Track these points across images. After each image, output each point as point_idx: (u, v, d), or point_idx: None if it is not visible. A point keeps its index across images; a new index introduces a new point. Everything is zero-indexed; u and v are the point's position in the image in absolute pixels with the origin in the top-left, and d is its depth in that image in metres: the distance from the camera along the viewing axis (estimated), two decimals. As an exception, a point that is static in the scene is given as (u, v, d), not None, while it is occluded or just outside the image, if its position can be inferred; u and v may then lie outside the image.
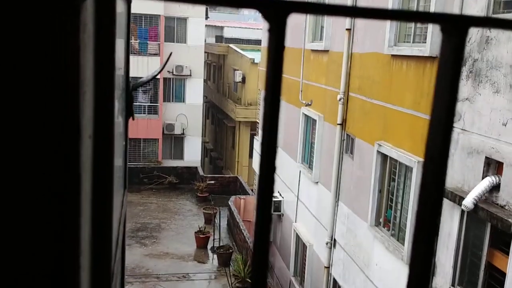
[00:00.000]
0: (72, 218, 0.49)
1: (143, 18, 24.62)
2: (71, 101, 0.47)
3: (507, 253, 5.64)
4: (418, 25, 7.93)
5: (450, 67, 0.40)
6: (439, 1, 7.03)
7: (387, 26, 8.43)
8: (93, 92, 0.62)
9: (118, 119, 1.13)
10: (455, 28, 0.40)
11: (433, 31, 7.15)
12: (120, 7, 1.05)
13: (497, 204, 5.74)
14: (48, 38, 0.44)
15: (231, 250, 16.29)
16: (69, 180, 0.48)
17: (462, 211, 6.27)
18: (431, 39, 7.17)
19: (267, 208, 0.41)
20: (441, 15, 0.41)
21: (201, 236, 17.14)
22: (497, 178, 5.74)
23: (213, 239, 16.99)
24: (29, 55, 0.44)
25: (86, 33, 0.51)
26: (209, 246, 17.20)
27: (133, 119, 1.44)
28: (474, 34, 6.23)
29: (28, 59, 0.44)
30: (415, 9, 7.90)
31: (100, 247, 0.72)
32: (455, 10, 6.63)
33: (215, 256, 16.44)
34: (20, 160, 0.47)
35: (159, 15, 24.67)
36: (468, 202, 5.81)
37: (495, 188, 5.76)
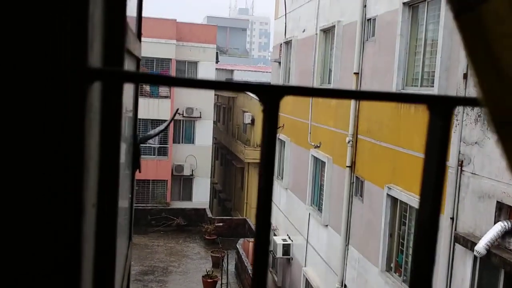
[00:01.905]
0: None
1: (154, 61, 25.19)
2: (73, 178, 0.48)
3: (523, 301, 5.47)
4: (426, 69, 8.03)
5: (437, 144, 0.41)
6: (444, 59, 7.14)
7: (395, 70, 8.55)
8: (97, 163, 0.64)
9: (125, 172, 1.15)
10: (441, 107, 0.42)
11: (440, 75, 7.23)
12: (129, 66, 1.09)
13: (510, 250, 5.61)
14: (54, 119, 0.46)
15: (239, 295, 15.95)
16: (69, 251, 0.49)
17: (475, 257, 6.13)
18: (439, 83, 7.24)
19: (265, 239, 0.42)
20: (428, 96, 0.43)
21: (209, 280, 16.84)
22: (509, 223, 5.64)
23: (221, 284, 16.66)
24: (35, 135, 0.46)
25: (92, 112, 0.53)
26: (216, 291, 16.85)
27: (139, 171, 1.46)
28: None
29: (35, 139, 0.46)
30: (423, 41, 8.01)
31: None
32: (460, 69, 6.70)
33: (223, 300, 16.09)
34: (20, 235, 0.48)
35: (171, 59, 25.23)
36: (481, 247, 5.69)
37: (508, 233, 5.65)
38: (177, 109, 3.40)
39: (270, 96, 0.43)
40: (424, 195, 0.45)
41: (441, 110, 0.44)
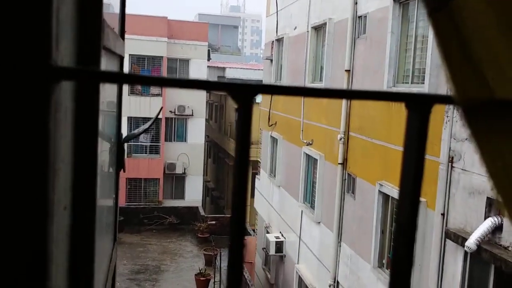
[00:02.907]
0: None
1: (145, 59, 25.07)
2: (39, 177, 0.46)
3: (514, 296, 5.51)
4: (417, 66, 8.05)
5: (416, 141, 0.41)
6: (434, 56, 7.17)
7: (386, 67, 8.56)
8: (71, 165, 0.62)
9: (109, 171, 1.13)
10: (419, 105, 0.42)
11: (431, 73, 7.25)
12: (111, 65, 1.07)
13: (500, 245, 5.65)
14: (13, 119, 0.44)
15: (232, 293, 15.94)
16: (36, 255, 0.48)
17: (466, 253, 6.16)
18: (429, 80, 7.26)
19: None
20: (406, 94, 0.43)
21: (202, 278, 16.82)
22: (500, 219, 5.68)
23: (214, 282, 16.66)
24: None
25: (60, 111, 0.51)
26: (209, 289, 16.85)
27: (124, 171, 1.44)
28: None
29: None
30: (413, 38, 8.03)
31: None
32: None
33: (216, 298, 16.09)
34: None
35: (162, 57, 25.13)
36: (471, 243, 5.72)
37: (498, 229, 5.69)
38: (161, 107, 3.38)
39: (243, 94, 0.42)
40: (403, 191, 0.44)
41: (418, 108, 0.43)
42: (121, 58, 1.39)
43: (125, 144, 1.56)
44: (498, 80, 0.37)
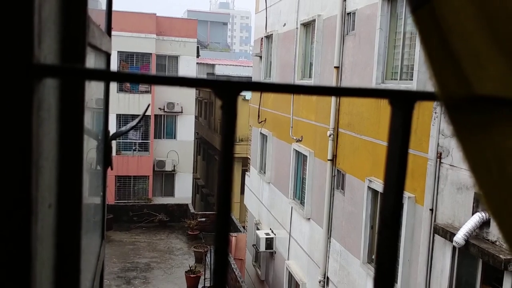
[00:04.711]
0: None
1: (134, 56, 24.92)
2: (22, 175, 0.46)
3: (501, 290, 5.58)
4: (405, 62, 8.10)
5: (399, 137, 0.41)
6: (422, 55, 7.20)
7: (375, 63, 8.60)
8: (56, 162, 0.61)
9: (97, 169, 1.12)
10: (402, 102, 0.42)
11: (419, 69, 7.29)
12: (98, 63, 1.06)
13: (488, 240, 5.71)
14: None
15: (222, 290, 15.95)
16: (19, 256, 0.47)
17: (454, 248, 6.23)
18: (418, 77, 7.30)
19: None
20: (390, 91, 0.43)
21: (192, 275, 16.81)
22: (487, 214, 5.74)
23: (204, 279, 16.65)
24: None
25: (43, 109, 0.50)
26: (200, 286, 16.83)
27: (111, 169, 1.43)
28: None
29: None
30: (402, 34, 8.08)
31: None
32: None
33: (206, 296, 16.09)
34: None
35: (151, 53, 25.00)
36: (459, 238, 5.78)
37: (485, 223, 5.75)
38: (148, 105, 3.38)
39: (227, 91, 0.42)
40: (388, 184, 0.45)
41: (402, 104, 0.44)
42: (107, 55, 1.38)
43: (113, 142, 1.55)
44: (477, 76, 0.38)
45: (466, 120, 0.40)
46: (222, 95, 0.41)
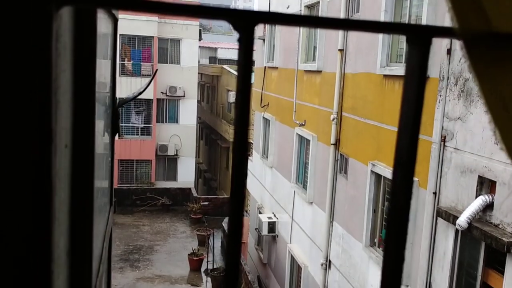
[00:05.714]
0: (44, 225, 0.48)
1: (136, 39, 24.77)
2: (42, 108, 0.45)
3: (502, 273, 5.60)
4: (409, 45, 8.01)
5: (416, 76, 0.41)
6: (430, 10, 7.13)
7: (379, 47, 8.52)
8: (71, 102, 0.60)
9: (104, 136, 1.11)
10: (419, 38, 0.41)
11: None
12: (106, 27, 1.04)
13: (491, 223, 5.72)
14: (17, 45, 0.43)
15: (225, 272, 16.09)
16: (39, 187, 0.47)
17: (457, 231, 6.24)
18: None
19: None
20: (406, 25, 0.43)
21: (195, 258, 16.94)
22: (490, 197, 5.73)
23: (207, 262, 16.79)
24: None
25: (60, 42, 0.49)
26: (202, 269, 16.98)
27: (119, 136, 1.42)
28: (465, 54, 6.29)
29: None
30: (407, 17, 7.99)
31: (80, 257, 0.70)
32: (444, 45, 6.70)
33: (209, 278, 16.23)
34: None
35: (153, 37, 24.84)
36: (462, 221, 5.78)
37: (489, 207, 5.75)
38: (156, 70, 3.37)
39: (245, 22, 0.40)
40: (402, 128, 0.44)
41: (419, 39, 0.43)
42: (115, 21, 1.36)
43: (119, 109, 1.54)
44: (495, 12, 0.38)
45: (483, 54, 0.40)
46: (239, 26, 0.39)
